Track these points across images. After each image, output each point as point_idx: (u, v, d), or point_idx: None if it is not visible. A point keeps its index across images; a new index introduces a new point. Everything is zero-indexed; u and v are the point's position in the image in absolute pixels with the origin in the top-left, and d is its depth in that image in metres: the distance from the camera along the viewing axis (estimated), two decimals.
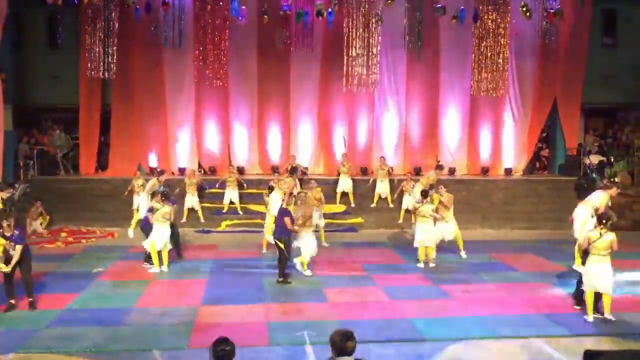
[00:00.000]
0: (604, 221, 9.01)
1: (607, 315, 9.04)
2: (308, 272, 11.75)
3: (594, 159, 19.74)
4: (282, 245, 11.18)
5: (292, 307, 9.83)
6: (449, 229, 13.03)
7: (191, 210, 16.89)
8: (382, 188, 17.46)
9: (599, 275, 8.90)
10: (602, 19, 20.70)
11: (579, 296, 9.65)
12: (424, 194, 12.65)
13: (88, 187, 18.11)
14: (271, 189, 13.76)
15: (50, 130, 20.46)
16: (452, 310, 9.72)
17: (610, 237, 8.87)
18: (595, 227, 9.24)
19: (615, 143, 21.03)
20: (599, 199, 10.81)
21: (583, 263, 9.42)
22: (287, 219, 11.20)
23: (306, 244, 11.63)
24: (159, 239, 11.97)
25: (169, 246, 12.24)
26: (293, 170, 15.62)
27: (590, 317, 9.09)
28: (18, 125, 19.07)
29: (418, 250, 12.64)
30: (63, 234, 15.75)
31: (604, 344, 8.06)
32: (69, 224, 16.64)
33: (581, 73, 19.65)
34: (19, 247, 9.33)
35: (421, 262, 12.54)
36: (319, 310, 9.69)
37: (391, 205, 17.40)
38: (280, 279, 11.20)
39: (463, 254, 13.37)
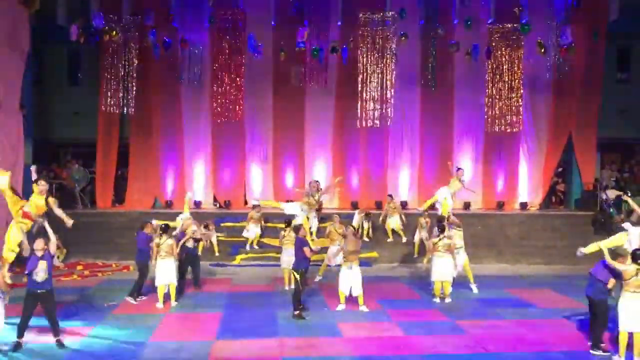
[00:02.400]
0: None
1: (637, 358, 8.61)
2: (364, 308, 11.67)
3: (611, 193, 19.56)
4: (298, 277, 11.16)
5: (307, 342, 9.74)
6: (460, 260, 12.81)
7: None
8: (393, 223, 17.38)
9: (637, 313, 8.47)
10: (617, 55, 20.81)
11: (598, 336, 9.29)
12: (441, 228, 12.49)
13: (105, 220, 18.26)
14: (288, 223, 13.61)
15: (69, 164, 20.77)
16: (469, 347, 9.59)
17: None
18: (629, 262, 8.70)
19: (633, 177, 20.87)
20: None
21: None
22: (306, 249, 11.17)
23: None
24: (160, 275, 11.88)
25: (174, 281, 12.04)
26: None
27: (622, 357, 8.66)
28: (37, 159, 19.35)
29: (434, 285, 12.55)
30: (79, 267, 15.83)
31: None
32: (86, 257, 16.72)
33: (596, 108, 19.66)
34: (43, 263, 9.22)
35: (437, 297, 12.43)
36: (334, 345, 9.60)
37: (404, 240, 17.28)
38: (296, 313, 11.14)
39: (474, 287, 13.23)
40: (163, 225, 12.26)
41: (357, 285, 11.58)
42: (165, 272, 11.89)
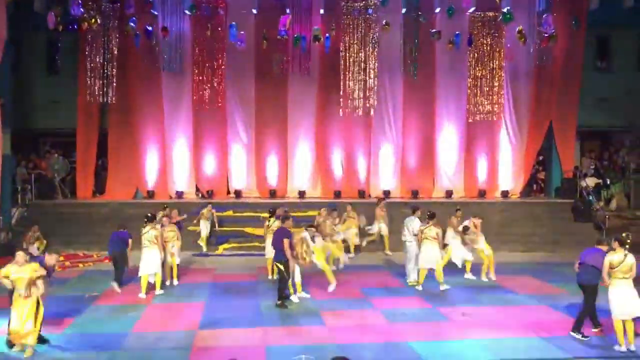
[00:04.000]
0: (626, 242, 8.64)
1: (632, 345, 8.62)
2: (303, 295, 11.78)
3: (590, 181, 19.84)
4: (281, 267, 11.16)
5: (290, 331, 9.78)
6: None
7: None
8: (384, 230, 16.48)
9: (628, 298, 8.49)
10: (596, 44, 21.01)
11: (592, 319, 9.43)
12: (430, 216, 12.49)
13: (85, 211, 18.11)
14: (272, 213, 13.55)
15: (48, 154, 20.52)
16: (451, 333, 9.69)
17: (633, 259, 8.52)
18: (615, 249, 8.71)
19: (611, 165, 21.15)
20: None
21: None
22: (286, 241, 11.11)
23: None
24: (145, 265, 11.83)
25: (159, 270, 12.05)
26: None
27: (623, 347, 8.62)
28: (16, 149, 19.11)
29: (419, 272, 12.62)
30: (60, 258, 15.66)
31: None
32: (67, 248, 16.57)
33: (576, 96, 19.87)
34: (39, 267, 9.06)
35: (420, 284, 12.51)
36: (317, 333, 9.64)
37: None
38: (279, 302, 11.15)
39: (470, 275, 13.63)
40: (149, 215, 12.29)
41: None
42: (149, 262, 11.83)
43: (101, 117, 19.92)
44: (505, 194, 20.16)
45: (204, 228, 16.63)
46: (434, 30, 18.50)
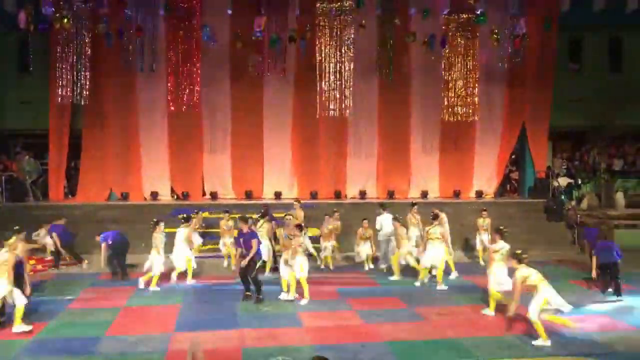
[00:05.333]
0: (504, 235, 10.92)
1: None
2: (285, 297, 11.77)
3: (562, 181, 20.16)
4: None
5: (267, 333, 9.73)
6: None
7: None
8: (368, 249, 14.95)
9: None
10: (568, 45, 21.36)
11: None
12: (434, 216, 13.05)
13: (57, 213, 17.71)
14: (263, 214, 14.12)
15: (20, 155, 20.15)
16: (428, 333, 9.74)
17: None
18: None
19: (583, 166, 21.51)
20: None
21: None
22: (254, 241, 11.50)
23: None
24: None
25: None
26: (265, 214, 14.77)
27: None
28: None
29: (422, 271, 12.95)
30: (32, 262, 15.36)
31: None
32: (38, 251, 16.27)
33: (548, 97, 20.15)
34: None
35: (419, 280, 12.98)
36: (294, 335, 9.62)
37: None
38: (259, 297, 11.45)
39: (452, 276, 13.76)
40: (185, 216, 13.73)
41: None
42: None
43: (73, 118, 19.61)
44: (479, 194, 20.38)
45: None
46: (408, 32, 18.60)
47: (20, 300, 9.71)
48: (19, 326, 9.64)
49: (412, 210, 14.66)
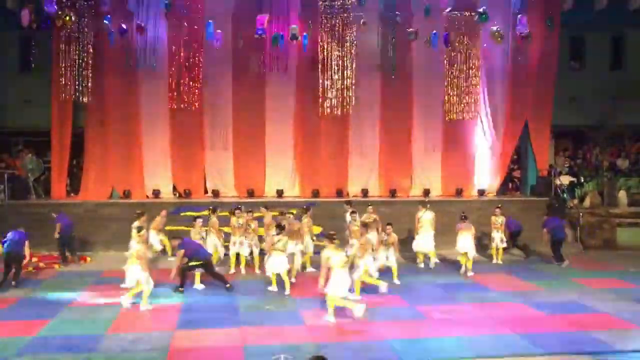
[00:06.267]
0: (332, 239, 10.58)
1: None
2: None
3: (565, 179, 20.14)
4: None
5: (269, 330, 9.76)
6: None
7: None
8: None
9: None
10: (570, 44, 21.33)
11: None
12: (464, 217, 14.75)
13: (60, 211, 17.79)
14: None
15: (22, 153, 20.17)
16: (429, 331, 9.76)
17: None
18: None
19: (585, 164, 21.49)
20: None
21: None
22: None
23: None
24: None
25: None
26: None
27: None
28: None
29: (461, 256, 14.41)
30: (34, 259, 15.41)
31: None
32: (41, 249, 16.30)
33: (551, 96, 20.10)
34: None
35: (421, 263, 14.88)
36: (296, 333, 9.64)
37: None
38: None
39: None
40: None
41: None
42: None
43: (76, 116, 19.60)
44: (481, 192, 20.34)
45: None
46: (410, 29, 18.58)
47: (149, 284, 11.11)
48: (145, 305, 11.03)
49: (367, 209, 15.06)
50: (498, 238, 15.54)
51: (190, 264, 12.46)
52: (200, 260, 12.53)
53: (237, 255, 14.42)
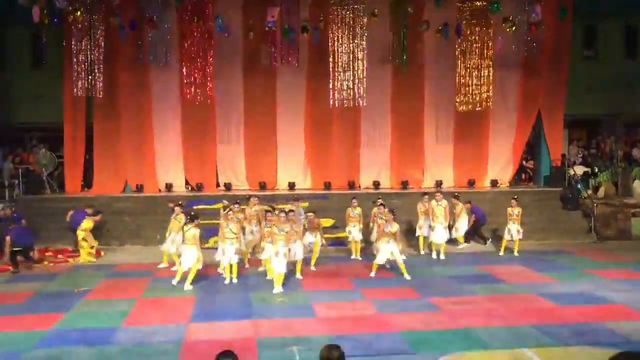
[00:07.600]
0: None
1: None
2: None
3: (578, 170, 19.96)
4: None
5: (281, 323, 9.79)
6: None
7: None
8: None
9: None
10: (583, 32, 21.10)
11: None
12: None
13: (74, 205, 17.91)
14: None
15: (36, 148, 20.34)
16: (442, 322, 9.73)
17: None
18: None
19: (599, 154, 21.28)
20: None
21: None
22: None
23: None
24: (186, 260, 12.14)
25: (200, 266, 12.19)
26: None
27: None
28: (2, 144, 18.95)
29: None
30: (48, 253, 15.57)
31: (592, 354, 8.11)
32: (56, 243, 16.47)
33: (564, 85, 19.91)
34: None
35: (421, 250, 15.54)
36: (308, 325, 9.65)
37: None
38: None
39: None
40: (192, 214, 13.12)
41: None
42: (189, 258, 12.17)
43: (88, 111, 19.71)
44: (494, 183, 20.23)
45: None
46: (422, 20, 18.45)
47: (200, 264, 12.05)
48: (188, 284, 11.90)
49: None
50: (514, 229, 15.39)
51: (14, 249, 13.54)
52: (20, 247, 13.70)
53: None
